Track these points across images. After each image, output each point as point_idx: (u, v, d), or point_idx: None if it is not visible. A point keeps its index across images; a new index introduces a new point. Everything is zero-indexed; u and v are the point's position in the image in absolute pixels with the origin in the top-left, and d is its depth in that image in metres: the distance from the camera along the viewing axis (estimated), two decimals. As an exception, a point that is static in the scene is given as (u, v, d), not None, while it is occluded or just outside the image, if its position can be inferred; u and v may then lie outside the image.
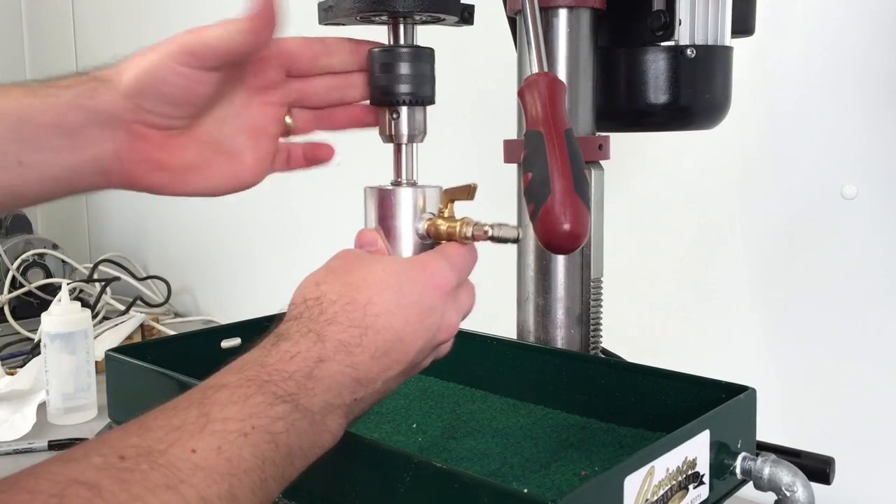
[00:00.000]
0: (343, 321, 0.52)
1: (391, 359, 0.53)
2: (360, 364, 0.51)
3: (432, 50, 0.62)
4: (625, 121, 0.83)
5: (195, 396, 0.45)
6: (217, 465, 0.42)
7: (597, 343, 0.82)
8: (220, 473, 0.42)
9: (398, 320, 0.53)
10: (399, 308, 0.53)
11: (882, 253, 0.97)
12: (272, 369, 0.48)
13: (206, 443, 0.42)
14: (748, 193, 1.08)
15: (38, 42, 2.52)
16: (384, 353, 0.52)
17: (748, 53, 0.92)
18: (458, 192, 0.60)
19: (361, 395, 0.51)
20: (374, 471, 0.56)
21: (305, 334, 0.51)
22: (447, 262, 0.57)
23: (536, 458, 0.66)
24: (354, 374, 0.51)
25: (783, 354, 1.06)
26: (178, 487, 0.39)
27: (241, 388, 0.46)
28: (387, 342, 0.52)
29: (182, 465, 0.41)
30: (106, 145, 0.56)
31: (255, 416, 0.45)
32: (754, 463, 0.62)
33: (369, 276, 0.54)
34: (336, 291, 0.53)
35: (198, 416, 0.44)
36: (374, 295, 0.53)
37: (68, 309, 1.15)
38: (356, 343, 0.51)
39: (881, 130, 0.96)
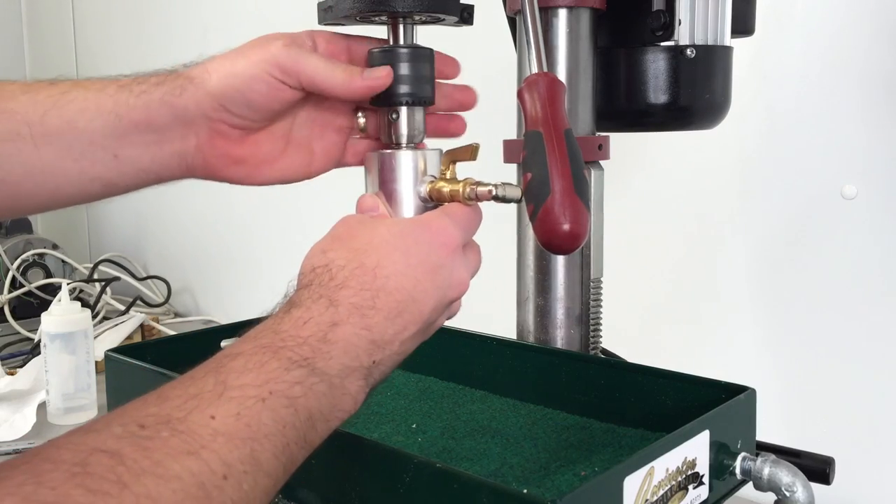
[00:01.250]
0: (354, 285, 0.52)
1: (406, 319, 0.53)
2: (376, 326, 0.51)
3: (432, 50, 0.62)
4: (625, 121, 0.83)
5: (211, 366, 0.46)
6: (237, 431, 0.42)
7: (597, 343, 0.82)
8: (241, 438, 0.42)
9: (409, 280, 0.53)
10: (408, 268, 0.53)
11: (882, 253, 0.97)
12: (286, 335, 0.49)
13: (224, 409, 0.43)
14: (748, 193, 1.08)
15: (38, 42, 2.52)
16: (398, 313, 0.52)
17: (748, 53, 0.92)
18: (461, 153, 0.60)
19: (379, 357, 0.52)
20: (374, 471, 0.56)
21: (317, 300, 0.51)
22: (451, 219, 0.57)
23: (536, 458, 0.66)
24: (370, 335, 0.51)
25: (783, 354, 1.06)
26: (199, 453, 0.40)
27: (255, 356, 0.47)
28: (400, 303, 0.52)
29: (202, 431, 0.41)
30: (189, 141, 0.59)
31: (271, 381, 0.45)
32: (754, 463, 0.62)
33: (374, 238, 0.54)
34: (344, 257, 0.53)
35: (215, 384, 0.44)
36: (383, 257, 0.53)
37: (68, 309, 1.15)
38: (369, 305, 0.51)
39: (881, 130, 0.96)
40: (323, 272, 0.53)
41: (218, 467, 0.40)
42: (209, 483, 0.40)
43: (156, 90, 0.58)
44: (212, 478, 0.40)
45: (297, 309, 0.51)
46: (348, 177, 0.69)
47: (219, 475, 0.40)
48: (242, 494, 0.41)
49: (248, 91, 0.57)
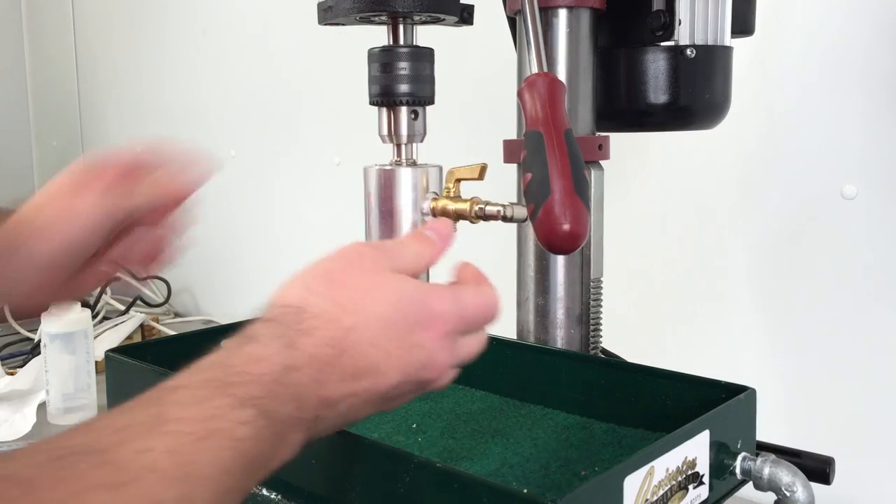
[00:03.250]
0: (320, 337, 0.49)
1: (360, 385, 0.50)
2: (329, 383, 0.48)
3: (432, 50, 0.62)
4: (625, 121, 0.83)
5: (148, 396, 0.42)
6: (169, 468, 0.38)
7: (597, 343, 0.82)
8: (173, 478, 0.38)
9: (379, 351, 0.50)
10: (383, 339, 0.50)
11: (882, 253, 0.97)
12: (236, 371, 0.45)
13: (157, 443, 0.39)
14: (748, 193, 1.08)
15: (38, 42, 2.52)
16: (354, 378, 0.49)
17: (748, 53, 0.92)
18: (467, 172, 0.60)
19: (324, 414, 0.49)
20: (374, 471, 0.56)
21: (277, 338, 0.48)
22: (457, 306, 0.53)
23: (536, 458, 0.66)
24: (322, 392, 0.48)
25: (783, 354, 1.06)
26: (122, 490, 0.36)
27: (200, 390, 0.43)
28: (360, 369, 0.49)
29: (130, 465, 0.37)
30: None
31: (215, 418, 0.41)
32: (754, 463, 0.62)
33: (364, 299, 0.51)
34: (320, 306, 0.50)
35: (149, 416, 0.40)
36: (361, 322, 0.50)
37: (68, 309, 1.15)
38: (329, 363, 0.48)
39: (881, 130, 0.96)
40: (292, 312, 0.50)
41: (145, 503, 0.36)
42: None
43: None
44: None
45: (252, 344, 0.48)
46: (348, 179, 0.69)
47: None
48: None
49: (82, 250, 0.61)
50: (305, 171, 1.67)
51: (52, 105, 2.51)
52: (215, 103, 1.91)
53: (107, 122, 2.31)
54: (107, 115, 2.31)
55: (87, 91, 2.36)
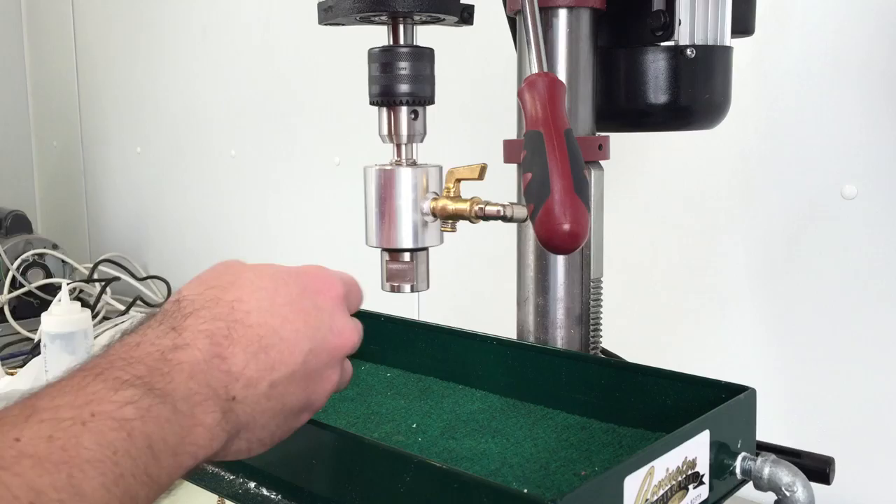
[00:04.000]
0: (205, 315, 0.47)
1: (273, 357, 0.47)
2: (231, 357, 0.46)
3: (432, 50, 0.62)
4: (625, 121, 0.83)
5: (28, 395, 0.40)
6: (48, 453, 0.35)
7: (597, 343, 0.82)
8: (54, 462, 0.35)
9: (274, 318, 0.48)
10: (273, 306, 0.49)
11: (882, 253, 0.97)
12: (113, 357, 0.43)
13: (32, 431, 0.36)
14: (748, 193, 1.08)
15: (38, 42, 2.52)
16: (261, 348, 0.47)
17: (748, 53, 0.92)
18: (466, 172, 0.60)
19: (241, 394, 0.46)
20: (374, 471, 0.56)
21: (156, 326, 0.46)
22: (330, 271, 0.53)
23: (536, 458, 0.66)
24: (224, 365, 0.45)
25: (783, 354, 1.06)
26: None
27: (74, 379, 0.40)
28: (262, 337, 0.47)
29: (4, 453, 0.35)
30: None
31: (94, 402, 0.39)
32: (754, 463, 0.62)
33: (238, 279, 0.50)
34: (197, 291, 0.49)
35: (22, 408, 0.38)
36: (244, 294, 0.48)
37: (68, 309, 1.15)
38: (222, 334, 0.46)
39: (881, 130, 0.96)
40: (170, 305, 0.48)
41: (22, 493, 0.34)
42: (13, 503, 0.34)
43: None
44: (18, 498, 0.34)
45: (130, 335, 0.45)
46: (348, 179, 0.69)
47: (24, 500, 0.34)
48: None
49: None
50: (305, 171, 1.67)
51: (52, 105, 2.51)
52: (215, 103, 1.91)
53: (107, 122, 2.31)
54: (107, 115, 2.31)
55: (87, 91, 2.36)
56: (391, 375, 0.86)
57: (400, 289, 0.64)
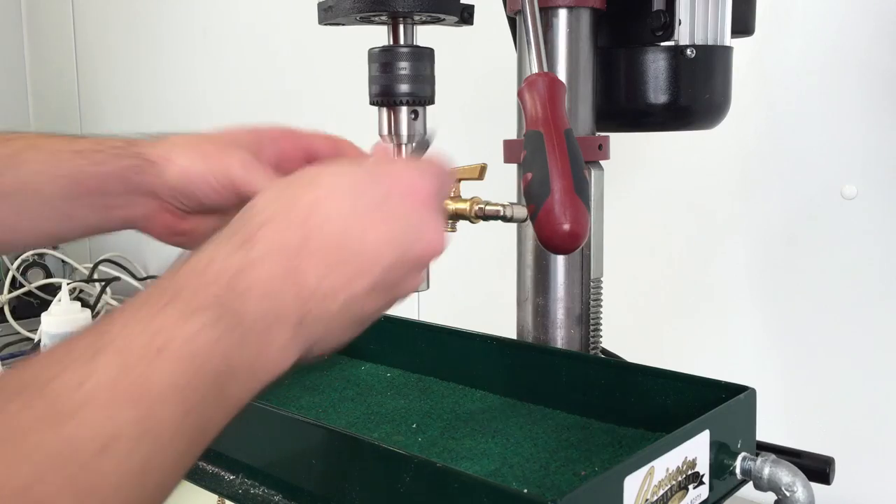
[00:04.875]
0: (279, 222, 0.44)
1: (351, 269, 0.44)
2: (306, 271, 0.43)
3: (432, 50, 0.62)
4: (625, 121, 0.83)
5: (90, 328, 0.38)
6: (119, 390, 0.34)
7: (597, 343, 0.82)
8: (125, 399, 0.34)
9: (355, 226, 0.44)
10: (355, 212, 0.45)
11: (882, 253, 0.97)
12: (182, 282, 0.40)
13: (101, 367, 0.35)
14: (748, 193, 1.08)
15: (38, 42, 2.52)
16: (340, 260, 0.44)
17: (748, 53, 0.92)
18: (467, 172, 0.60)
19: (316, 310, 0.43)
20: (374, 471, 0.56)
21: (227, 241, 0.43)
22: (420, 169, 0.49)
23: (536, 458, 0.66)
24: (299, 280, 0.42)
25: (783, 354, 1.06)
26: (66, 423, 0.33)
27: (142, 309, 0.38)
28: (342, 247, 0.44)
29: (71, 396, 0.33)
30: (137, 210, 0.60)
31: (166, 329, 0.37)
32: (754, 463, 0.62)
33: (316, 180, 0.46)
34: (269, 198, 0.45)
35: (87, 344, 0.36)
36: (322, 195, 0.45)
37: (68, 309, 1.15)
38: (296, 245, 0.43)
39: (881, 130, 0.96)
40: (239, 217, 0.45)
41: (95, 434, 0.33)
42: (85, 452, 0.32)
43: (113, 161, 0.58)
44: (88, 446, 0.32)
45: (200, 253, 0.42)
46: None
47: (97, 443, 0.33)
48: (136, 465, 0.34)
49: (201, 192, 0.59)
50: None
51: (52, 105, 2.51)
52: (215, 103, 1.91)
53: (107, 122, 2.31)
54: (106, 115, 2.31)
55: (87, 91, 2.36)
56: (391, 375, 0.86)
57: None
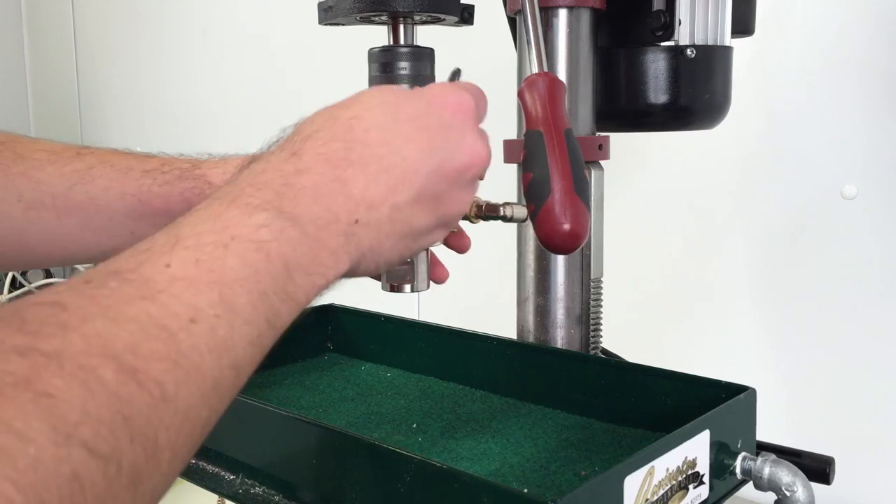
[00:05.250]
0: (322, 136, 0.46)
1: (394, 178, 0.46)
2: (352, 179, 0.45)
3: (432, 50, 0.62)
4: (625, 121, 0.83)
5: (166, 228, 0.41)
6: (198, 275, 0.37)
7: (597, 343, 0.82)
8: (204, 282, 0.37)
9: (396, 136, 0.46)
10: (395, 123, 0.47)
11: (882, 253, 0.97)
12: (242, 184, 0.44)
13: (180, 257, 0.38)
14: (748, 193, 1.08)
15: (38, 42, 2.52)
16: (381, 169, 0.46)
17: (748, 53, 0.92)
18: None
19: (364, 217, 0.45)
20: (374, 471, 0.56)
21: (278, 152, 0.46)
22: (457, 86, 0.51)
23: (536, 458, 0.66)
24: (345, 189, 0.45)
25: (783, 354, 1.06)
26: (156, 297, 0.35)
27: (209, 208, 0.42)
28: (382, 157, 0.46)
29: (157, 278, 0.36)
30: None
31: (231, 227, 0.40)
32: (754, 463, 0.62)
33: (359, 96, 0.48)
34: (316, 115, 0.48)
35: (166, 238, 0.39)
36: (362, 111, 0.47)
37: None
38: (341, 156, 0.45)
39: (881, 130, 0.96)
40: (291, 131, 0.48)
41: (182, 310, 0.36)
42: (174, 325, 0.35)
43: (178, 183, 0.62)
44: (176, 320, 0.35)
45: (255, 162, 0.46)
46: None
47: (184, 318, 0.35)
48: (219, 341, 0.37)
49: None
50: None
51: (52, 105, 2.51)
52: (215, 103, 1.91)
53: (107, 122, 2.31)
54: (106, 115, 2.31)
55: (87, 91, 2.36)
56: (391, 375, 0.86)
57: (400, 289, 0.64)
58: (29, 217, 0.60)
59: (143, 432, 0.32)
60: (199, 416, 0.35)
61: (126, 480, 0.31)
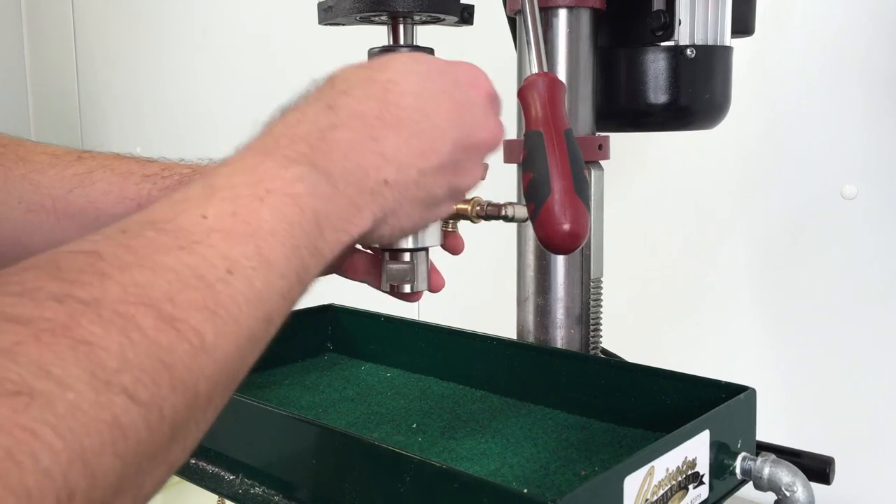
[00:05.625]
0: (358, 94, 0.47)
1: (424, 144, 0.47)
2: (384, 139, 0.46)
3: (432, 50, 0.62)
4: (625, 121, 0.83)
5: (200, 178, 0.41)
6: (235, 227, 0.38)
7: (597, 343, 0.82)
8: (241, 234, 0.37)
9: (427, 102, 0.48)
10: (427, 91, 0.48)
11: (882, 253, 0.97)
12: (277, 135, 0.44)
13: (216, 209, 0.38)
14: (748, 193, 1.08)
15: (38, 42, 2.52)
16: (413, 133, 0.47)
17: (748, 53, 0.92)
18: None
19: (393, 177, 0.46)
20: (374, 471, 0.56)
21: (313, 103, 0.47)
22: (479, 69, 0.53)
23: (536, 458, 0.66)
24: (378, 147, 0.46)
25: (783, 354, 1.06)
26: (193, 248, 0.35)
27: (245, 159, 0.42)
28: (415, 122, 0.47)
29: (194, 229, 0.36)
30: None
31: (267, 179, 0.41)
32: (754, 463, 0.62)
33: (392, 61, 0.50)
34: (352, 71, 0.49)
35: (202, 188, 0.40)
36: (398, 76, 0.48)
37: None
38: (375, 115, 0.46)
39: (881, 130, 0.96)
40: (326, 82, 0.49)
41: (219, 262, 0.36)
42: (211, 276, 0.35)
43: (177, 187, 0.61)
44: (213, 271, 0.35)
45: (290, 113, 0.47)
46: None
47: (221, 269, 0.36)
48: (255, 293, 0.37)
49: None
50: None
51: (52, 105, 2.51)
52: (215, 103, 1.91)
53: (106, 122, 2.31)
54: (106, 116, 2.31)
55: (87, 91, 2.36)
56: (391, 375, 0.86)
57: (400, 289, 0.64)
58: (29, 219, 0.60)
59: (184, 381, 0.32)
60: (234, 368, 0.35)
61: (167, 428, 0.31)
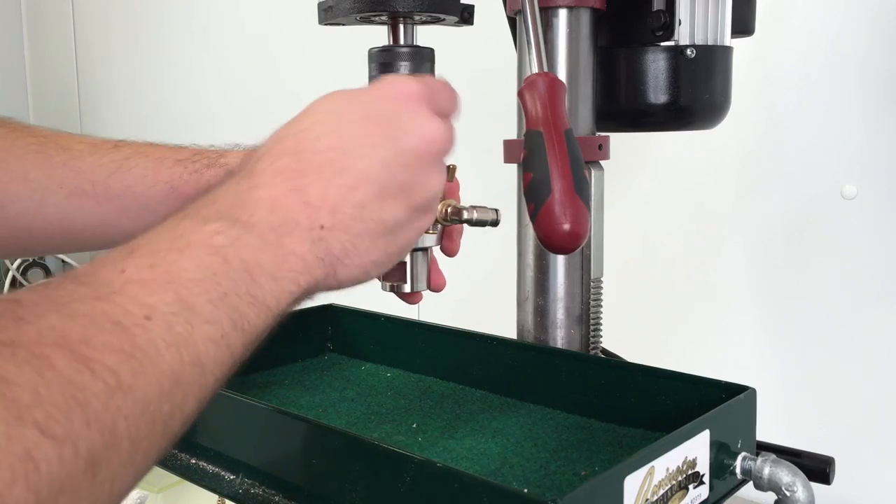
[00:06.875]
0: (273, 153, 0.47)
1: (350, 178, 0.47)
2: (307, 187, 0.46)
3: (432, 50, 0.62)
4: (625, 121, 0.83)
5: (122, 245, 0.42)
6: (153, 277, 0.38)
7: (597, 343, 0.82)
8: (159, 283, 0.38)
9: (342, 137, 0.47)
10: (342, 126, 0.48)
11: (882, 253, 0.97)
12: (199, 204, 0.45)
13: (135, 263, 0.39)
14: (748, 193, 1.08)
15: (38, 42, 2.52)
16: (336, 172, 0.46)
17: (748, 53, 0.92)
18: None
19: (329, 221, 0.46)
20: (374, 471, 0.56)
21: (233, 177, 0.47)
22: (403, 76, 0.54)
23: (536, 458, 0.66)
24: (302, 198, 0.46)
25: (783, 354, 1.06)
26: (110, 297, 0.36)
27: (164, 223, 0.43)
28: (333, 160, 0.47)
29: (113, 281, 0.38)
30: None
31: (186, 234, 0.42)
32: (754, 463, 0.62)
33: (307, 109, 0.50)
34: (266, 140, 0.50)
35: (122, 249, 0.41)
36: (309, 122, 0.48)
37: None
38: (293, 169, 0.46)
39: (881, 130, 0.96)
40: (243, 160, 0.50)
41: (136, 308, 0.36)
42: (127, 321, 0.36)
43: (206, 171, 0.66)
44: (129, 317, 0.36)
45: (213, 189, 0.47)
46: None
47: (138, 315, 0.36)
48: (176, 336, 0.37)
49: None
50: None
51: (52, 105, 2.51)
52: (215, 103, 1.91)
53: (106, 122, 2.31)
54: (106, 115, 2.31)
55: (87, 91, 2.36)
56: (391, 375, 0.86)
57: (399, 288, 0.64)
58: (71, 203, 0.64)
59: (100, 418, 0.32)
60: (160, 409, 0.36)
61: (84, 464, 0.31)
